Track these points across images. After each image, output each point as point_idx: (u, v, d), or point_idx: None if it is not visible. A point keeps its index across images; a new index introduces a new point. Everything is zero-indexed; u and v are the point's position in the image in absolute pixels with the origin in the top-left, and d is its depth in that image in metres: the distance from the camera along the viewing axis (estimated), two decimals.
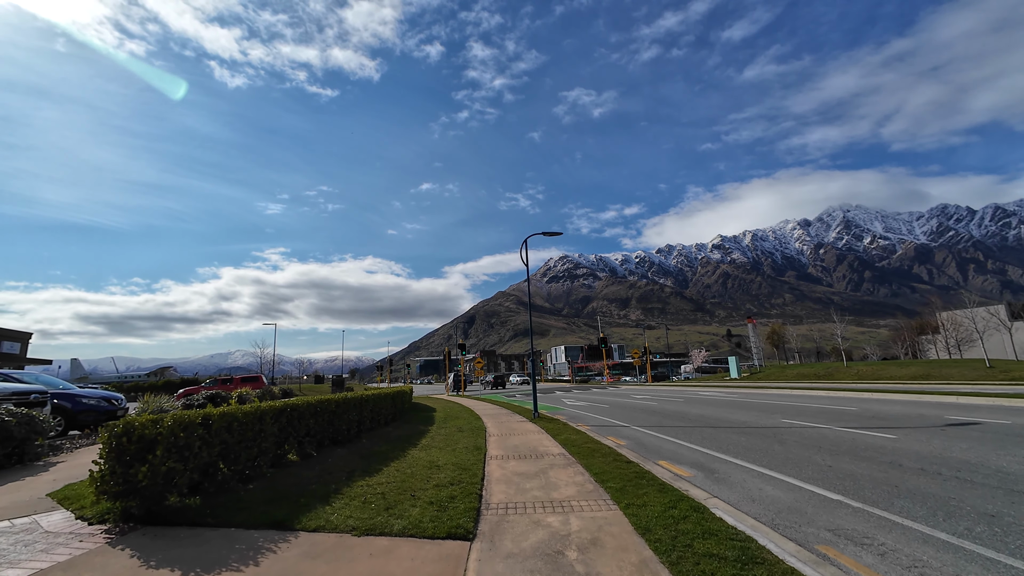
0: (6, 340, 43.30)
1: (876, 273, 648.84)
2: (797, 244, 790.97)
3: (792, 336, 69.05)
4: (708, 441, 10.32)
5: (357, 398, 10.16)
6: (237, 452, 5.98)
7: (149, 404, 12.90)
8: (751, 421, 13.23)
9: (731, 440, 10.31)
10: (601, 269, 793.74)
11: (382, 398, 12.56)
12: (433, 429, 12.87)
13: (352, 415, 9.85)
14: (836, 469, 7.29)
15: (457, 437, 11.30)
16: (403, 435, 11.41)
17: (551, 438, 11.20)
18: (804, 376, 38.76)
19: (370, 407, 11.27)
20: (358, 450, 8.93)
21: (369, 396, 11.20)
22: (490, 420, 15.62)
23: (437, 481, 6.62)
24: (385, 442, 10.13)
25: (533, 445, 10.31)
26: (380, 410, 12.37)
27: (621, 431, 12.61)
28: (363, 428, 10.83)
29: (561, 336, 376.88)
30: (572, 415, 17.48)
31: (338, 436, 9.22)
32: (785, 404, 17.96)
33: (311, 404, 7.84)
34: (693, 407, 18.30)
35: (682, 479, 7.00)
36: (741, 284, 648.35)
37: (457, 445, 10.01)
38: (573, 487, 6.48)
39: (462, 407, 21.92)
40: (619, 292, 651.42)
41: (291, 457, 7.50)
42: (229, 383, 36.62)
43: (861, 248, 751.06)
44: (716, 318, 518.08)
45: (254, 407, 6.47)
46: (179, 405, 14.97)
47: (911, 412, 14.10)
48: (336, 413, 8.97)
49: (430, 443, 10.25)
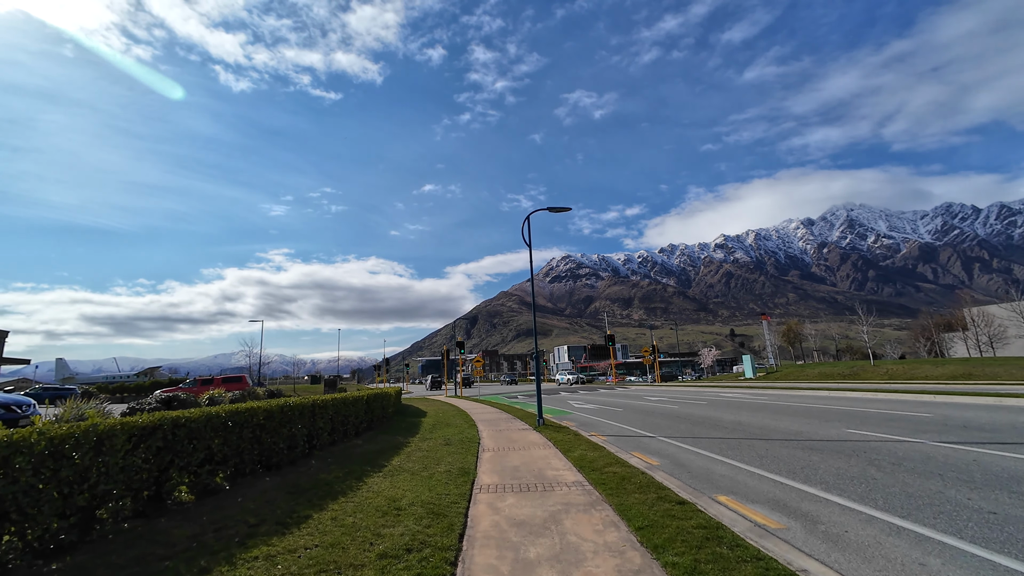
0: None
1: (880, 272, 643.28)
2: (800, 243, 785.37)
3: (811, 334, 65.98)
4: (772, 462, 7.79)
5: (303, 405, 7.66)
6: (36, 502, 3.49)
7: (68, 412, 10.42)
8: (809, 431, 10.69)
9: (803, 461, 7.78)
10: (604, 269, 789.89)
11: (348, 403, 10.05)
12: (414, 442, 10.37)
13: (296, 428, 7.35)
14: (1006, 517, 4.78)
15: (441, 454, 8.80)
16: (372, 451, 8.90)
17: (561, 455, 8.69)
18: (828, 376, 36.09)
19: (328, 415, 8.75)
20: (295, 479, 6.44)
21: (327, 402, 8.70)
22: (486, 428, 13.11)
23: (388, 545, 4.13)
24: (342, 464, 7.63)
25: (539, 466, 7.81)
26: (346, 419, 9.86)
27: (647, 444, 10.09)
28: (317, 443, 8.33)
29: (564, 336, 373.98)
30: (582, 421, 14.97)
31: (272, 457, 6.72)
32: (832, 408, 15.41)
33: (213, 417, 5.36)
34: (723, 411, 15.76)
35: (774, 535, 4.50)
36: (744, 284, 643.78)
37: (438, 467, 7.51)
38: (608, 557, 3.97)
39: (457, 411, 19.43)
40: (622, 292, 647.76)
41: (181, 496, 5.02)
42: (209, 383, 34.25)
43: (865, 247, 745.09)
44: (719, 318, 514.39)
45: (94, 424, 4.00)
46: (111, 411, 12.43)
47: (1004, 420, 11.50)
48: (266, 427, 6.46)
49: (402, 464, 7.74)
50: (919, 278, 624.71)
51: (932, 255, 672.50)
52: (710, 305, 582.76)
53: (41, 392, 34.76)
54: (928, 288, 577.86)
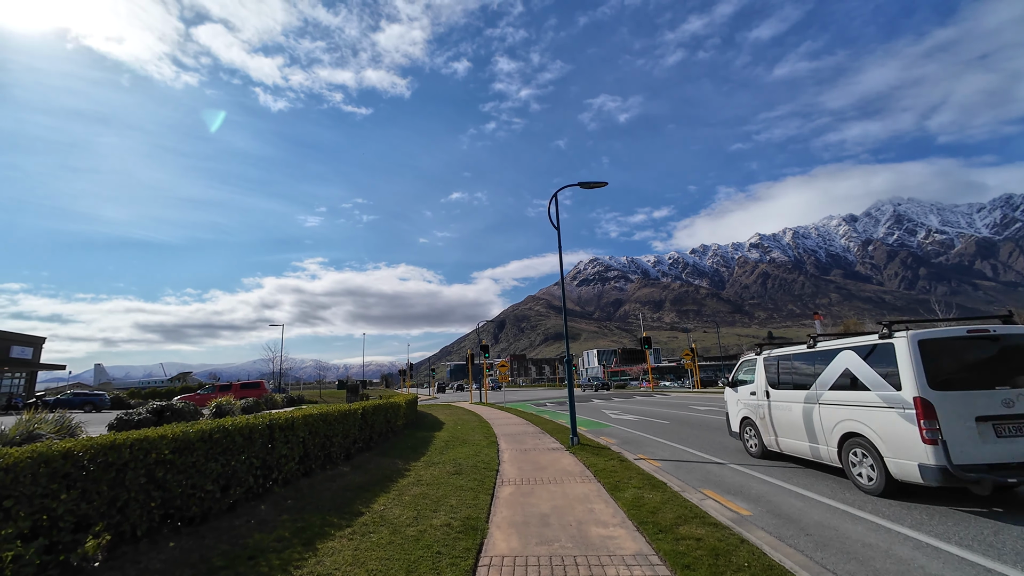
0: (16, 345, 41.90)
1: (932, 270, 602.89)
2: (843, 241, 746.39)
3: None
4: (966, 527, 5.17)
5: (252, 427, 5.57)
6: None
7: (15, 429, 8.80)
8: None
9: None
10: (633, 271, 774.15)
11: (333, 420, 7.94)
12: (416, 469, 8.20)
13: (237, 460, 5.26)
14: None
15: (445, 491, 6.58)
16: (355, 486, 6.77)
17: (608, 496, 6.30)
18: None
19: (298, 438, 6.65)
20: (212, 543, 4.33)
21: (295, 420, 6.63)
22: (509, 447, 10.83)
23: None
24: (300, 510, 5.50)
25: (578, 516, 5.47)
26: (328, 440, 7.76)
27: (720, 476, 7.55)
28: (279, 477, 6.24)
29: (592, 340, 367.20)
30: (624, 438, 12.47)
31: (191, 507, 4.64)
32: None
33: (51, 459, 3.30)
34: None
35: None
36: (782, 284, 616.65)
37: (434, 517, 5.28)
38: None
39: (478, 421, 17.24)
40: (652, 294, 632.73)
41: None
42: (227, 390, 33.37)
43: (915, 243, 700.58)
44: (756, 319, 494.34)
45: None
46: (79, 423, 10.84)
47: None
48: (174, 464, 4.37)
49: (386, 511, 5.55)
50: (977, 275, 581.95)
51: (991, 250, 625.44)
52: (746, 307, 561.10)
53: (73, 397, 34.82)
54: (988, 286, 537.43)
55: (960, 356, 5.68)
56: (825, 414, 6.85)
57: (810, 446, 7.19)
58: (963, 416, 5.32)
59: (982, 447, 5.22)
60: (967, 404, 5.36)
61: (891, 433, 5.75)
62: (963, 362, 5.64)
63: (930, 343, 5.67)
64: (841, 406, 6.58)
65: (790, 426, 7.67)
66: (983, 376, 5.50)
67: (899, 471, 5.66)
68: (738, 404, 9.47)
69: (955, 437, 5.25)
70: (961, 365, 5.62)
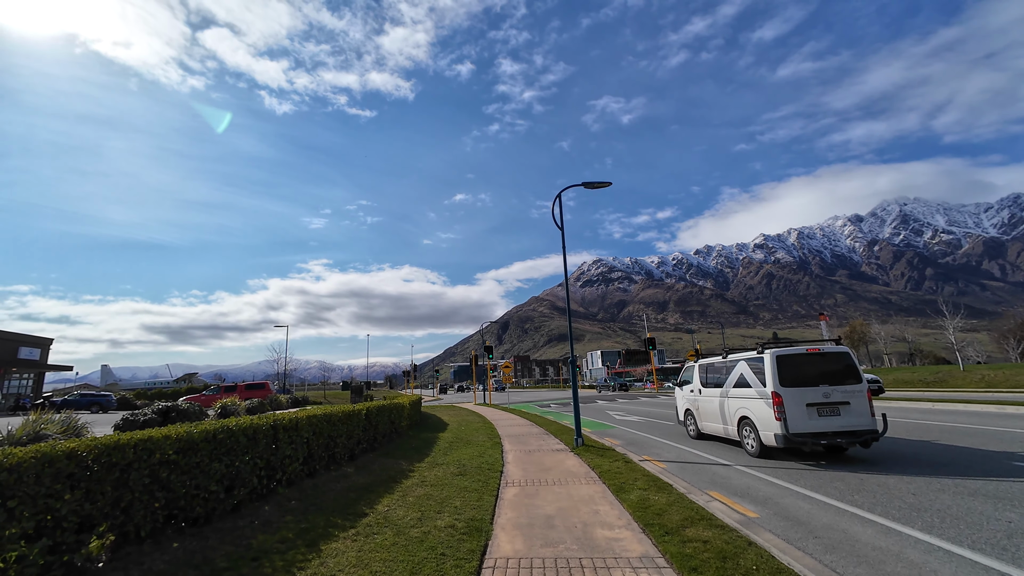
0: (24, 346, 42.23)
1: (939, 270, 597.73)
2: (848, 241, 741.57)
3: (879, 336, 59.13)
4: (945, 522, 5.08)
5: (257, 427, 5.53)
6: None
7: (22, 429, 8.85)
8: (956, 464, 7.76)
9: (987, 517, 5.04)
10: (637, 272, 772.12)
11: (337, 421, 7.88)
12: (420, 469, 8.17)
13: (241, 460, 5.23)
14: None
15: (449, 492, 6.55)
16: (359, 487, 6.74)
17: (613, 498, 6.25)
18: (907, 383, 31.60)
19: (302, 439, 6.62)
20: (216, 545, 4.30)
21: (300, 421, 6.60)
22: (513, 448, 10.79)
23: None
24: (305, 511, 5.48)
25: (583, 517, 5.43)
26: (332, 440, 7.70)
27: (725, 477, 7.48)
28: (283, 477, 6.21)
29: (596, 341, 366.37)
30: (629, 439, 12.41)
31: (195, 507, 4.60)
32: (955, 427, 12.19)
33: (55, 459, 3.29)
34: None
35: None
36: (787, 284, 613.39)
37: (438, 519, 5.25)
38: None
39: (482, 422, 17.20)
40: (656, 295, 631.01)
41: None
42: (232, 391, 33.50)
43: (921, 243, 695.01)
44: (761, 320, 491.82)
45: None
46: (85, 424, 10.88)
47: None
48: (179, 464, 4.33)
49: (390, 512, 5.52)
50: (985, 275, 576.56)
51: (999, 250, 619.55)
52: (750, 307, 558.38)
53: (79, 398, 35.07)
54: (996, 286, 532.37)
55: (800, 365, 8.60)
56: (730, 404, 9.91)
57: (723, 427, 10.26)
58: (798, 403, 8.25)
59: (808, 422, 8.17)
60: (801, 395, 8.30)
61: (762, 415, 8.70)
62: (801, 369, 8.56)
63: (782, 357, 8.68)
64: (738, 399, 9.59)
65: (712, 414, 10.76)
66: (812, 378, 8.46)
67: (765, 439, 8.61)
68: (683, 400, 12.52)
69: (793, 416, 8.19)
70: (800, 371, 8.53)
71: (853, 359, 8.94)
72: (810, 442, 8.00)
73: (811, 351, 8.75)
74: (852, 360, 8.86)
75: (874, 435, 8.03)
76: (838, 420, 8.17)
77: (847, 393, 8.32)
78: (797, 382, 8.37)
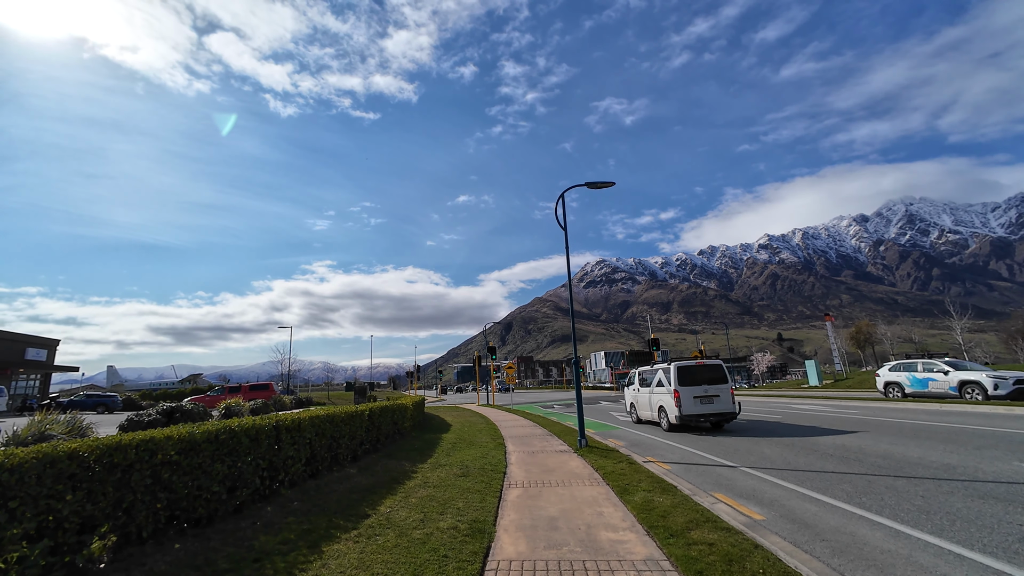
0: (31, 347, 42.57)
1: (946, 270, 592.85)
2: (854, 241, 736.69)
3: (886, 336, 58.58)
4: (956, 524, 4.99)
5: (259, 428, 5.50)
6: None
7: (27, 429, 8.90)
8: (967, 466, 7.60)
9: (1004, 523, 4.96)
10: (640, 273, 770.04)
11: (340, 422, 7.82)
12: (423, 470, 8.14)
13: (244, 461, 5.19)
14: None
15: (452, 493, 6.51)
16: (361, 488, 6.71)
17: (617, 499, 6.21)
18: None
19: (305, 440, 6.57)
20: (218, 546, 4.29)
21: (303, 421, 6.58)
22: (517, 449, 10.75)
23: None
24: (307, 512, 5.46)
25: (587, 519, 5.38)
26: (335, 441, 7.68)
27: (730, 479, 7.42)
28: (285, 478, 6.18)
29: (600, 342, 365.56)
30: (633, 440, 12.34)
31: (197, 508, 4.57)
32: (965, 428, 12.01)
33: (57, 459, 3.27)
34: (828, 434, 12.68)
35: None
36: (792, 285, 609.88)
37: (441, 520, 5.21)
38: None
39: (486, 423, 17.17)
40: (660, 296, 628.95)
41: None
42: (236, 391, 33.61)
43: (927, 243, 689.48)
44: (765, 321, 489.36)
45: None
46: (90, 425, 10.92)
47: None
48: (180, 465, 4.26)
49: (393, 513, 5.48)
50: (992, 275, 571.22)
51: (1007, 250, 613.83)
52: (755, 308, 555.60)
53: (86, 399, 35.29)
54: (1003, 286, 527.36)
55: (691, 372, 13.14)
56: (654, 398, 14.60)
57: (651, 413, 15.01)
58: (689, 396, 12.78)
59: (695, 408, 12.70)
60: (691, 391, 12.82)
61: (669, 404, 13.28)
62: (692, 374, 13.08)
63: (681, 367, 13.29)
64: (658, 394, 14.25)
65: (644, 405, 15.55)
66: (698, 380, 12.97)
67: (672, 419, 13.08)
68: (629, 395, 17.27)
69: (686, 404, 12.74)
70: (691, 376, 13.06)
71: (724, 369, 13.52)
72: (696, 420, 12.80)
73: (699, 363, 13.41)
74: (723, 369, 13.47)
75: (734, 416, 12.98)
76: (712, 406, 12.87)
77: (719, 389, 12.94)
78: (689, 383, 12.98)
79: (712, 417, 12.77)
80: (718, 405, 12.76)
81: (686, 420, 12.72)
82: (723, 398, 12.84)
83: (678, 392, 12.81)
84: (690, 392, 12.78)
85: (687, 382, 12.90)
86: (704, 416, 12.71)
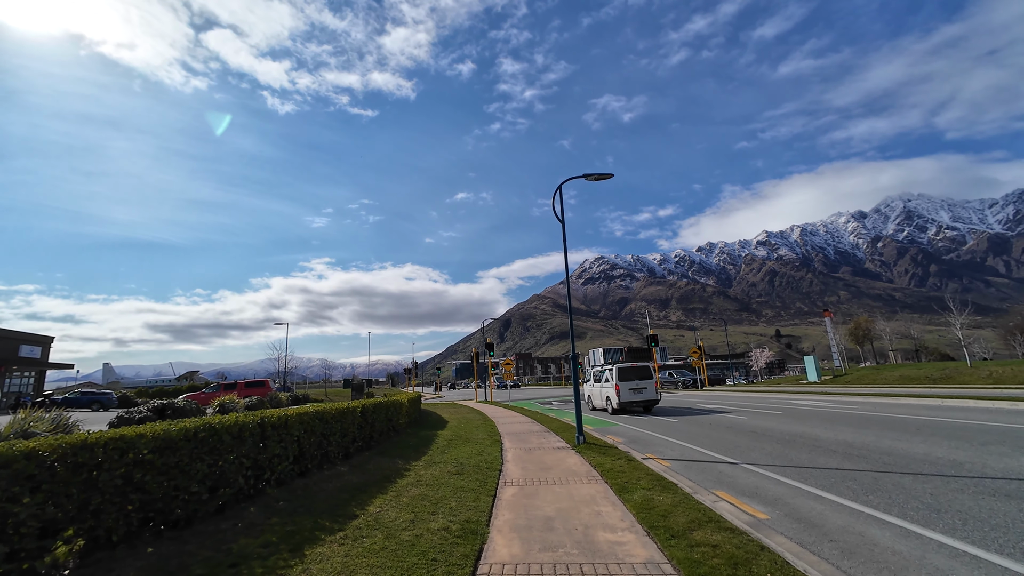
0: (25, 344, 42.18)
1: (943, 267, 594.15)
2: (852, 238, 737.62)
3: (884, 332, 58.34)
4: (980, 528, 4.79)
5: (242, 425, 5.25)
6: None
7: (10, 427, 8.65)
8: (974, 462, 7.43)
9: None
10: (639, 269, 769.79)
11: (331, 418, 7.56)
12: (416, 468, 7.92)
13: (225, 460, 4.95)
14: None
15: (445, 492, 6.29)
16: (351, 487, 6.48)
17: (616, 498, 5.99)
18: (912, 379, 31.21)
19: (292, 437, 6.33)
20: (194, 550, 4.05)
21: (289, 419, 6.34)
22: (513, 446, 10.54)
23: None
24: (292, 513, 5.22)
25: (584, 519, 5.16)
26: (325, 439, 7.46)
27: (732, 476, 7.21)
28: (271, 477, 5.95)
29: (599, 338, 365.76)
30: (631, 436, 12.14)
31: (174, 509, 4.33)
32: (965, 423, 11.85)
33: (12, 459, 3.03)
34: (813, 426, 12.49)
35: None
36: (790, 281, 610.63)
37: (432, 521, 4.98)
38: None
39: (483, 419, 16.96)
40: (658, 293, 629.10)
41: None
42: (232, 388, 33.33)
43: (925, 240, 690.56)
44: (763, 318, 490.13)
45: None
46: (76, 422, 10.69)
47: None
48: (154, 465, 4.02)
49: (382, 513, 5.25)
50: (989, 272, 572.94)
51: (1004, 247, 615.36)
52: (753, 305, 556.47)
53: (80, 396, 35.02)
54: (1000, 283, 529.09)
55: (628, 371, 18.13)
56: (604, 390, 19.18)
57: (602, 403, 19.38)
58: (626, 388, 17.79)
59: (631, 396, 17.77)
60: (628, 385, 17.82)
61: (612, 395, 18.06)
62: (628, 373, 18.08)
63: (620, 368, 18.15)
64: (605, 388, 18.95)
65: (598, 396, 20.04)
66: (632, 377, 18.03)
67: (615, 406, 17.94)
68: (587, 389, 21.83)
69: (624, 395, 17.74)
70: (627, 374, 18.05)
71: (650, 369, 18.41)
72: (631, 406, 18.07)
73: (632, 365, 18.19)
74: (650, 369, 18.37)
75: (656, 403, 18.12)
76: (642, 396, 17.79)
77: (646, 384, 17.92)
78: (626, 379, 17.84)
79: (642, 403, 17.90)
80: (645, 395, 17.83)
81: (624, 406, 17.75)
82: (649, 390, 17.93)
83: (618, 386, 17.71)
84: (627, 385, 17.72)
85: (624, 379, 17.81)
86: (636, 403, 17.80)
